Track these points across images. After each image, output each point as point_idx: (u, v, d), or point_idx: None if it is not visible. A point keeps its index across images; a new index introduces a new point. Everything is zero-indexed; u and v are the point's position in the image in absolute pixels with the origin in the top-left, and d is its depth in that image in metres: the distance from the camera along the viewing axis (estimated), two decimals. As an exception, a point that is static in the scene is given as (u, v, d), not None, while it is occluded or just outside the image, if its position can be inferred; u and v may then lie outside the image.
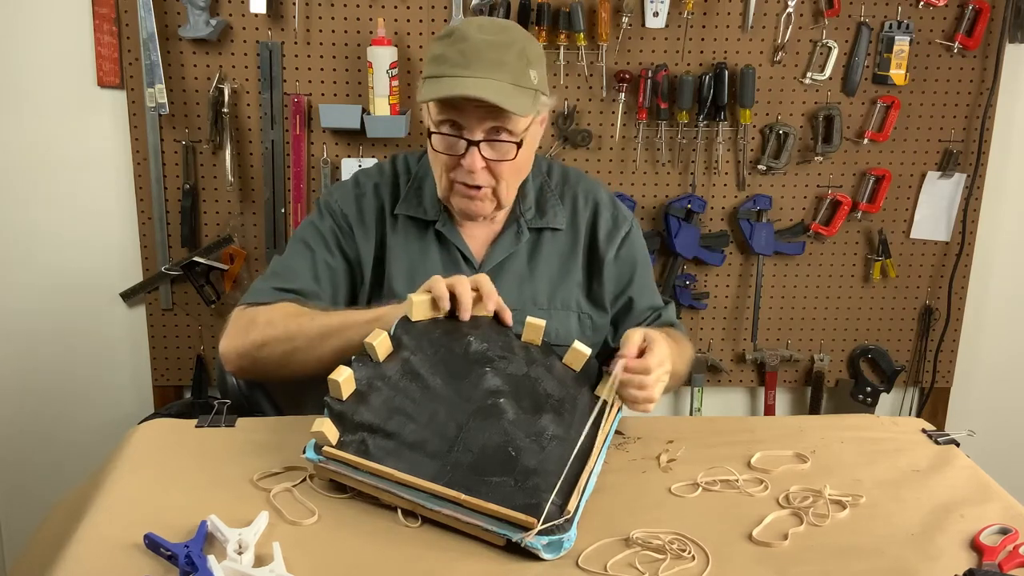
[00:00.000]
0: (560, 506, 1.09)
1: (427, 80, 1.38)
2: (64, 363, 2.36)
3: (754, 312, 2.40)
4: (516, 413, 1.19)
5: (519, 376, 1.25)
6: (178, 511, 1.11)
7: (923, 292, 2.45)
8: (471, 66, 1.33)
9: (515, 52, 1.36)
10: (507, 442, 1.15)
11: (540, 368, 1.28)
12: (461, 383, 1.22)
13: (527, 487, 1.10)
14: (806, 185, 2.34)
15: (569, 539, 1.07)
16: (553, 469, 1.14)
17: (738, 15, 2.21)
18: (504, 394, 1.21)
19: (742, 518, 1.16)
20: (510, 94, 1.34)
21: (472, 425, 1.17)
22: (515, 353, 1.28)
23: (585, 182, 1.60)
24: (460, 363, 1.24)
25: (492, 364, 1.24)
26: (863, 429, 1.45)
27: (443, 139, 1.39)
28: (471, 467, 1.13)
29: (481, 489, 1.09)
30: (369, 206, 1.52)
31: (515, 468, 1.12)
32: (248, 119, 2.20)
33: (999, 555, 1.08)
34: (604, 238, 1.56)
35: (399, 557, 1.06)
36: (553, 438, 1.19)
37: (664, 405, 2.54)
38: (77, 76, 2.17)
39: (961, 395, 2.56)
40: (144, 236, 2.26)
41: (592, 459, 1.20)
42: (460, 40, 1.35)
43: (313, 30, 2.16)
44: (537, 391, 1.24)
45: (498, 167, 1.40)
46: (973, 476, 1.30)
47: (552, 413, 1.22)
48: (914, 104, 2.30)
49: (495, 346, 1.27)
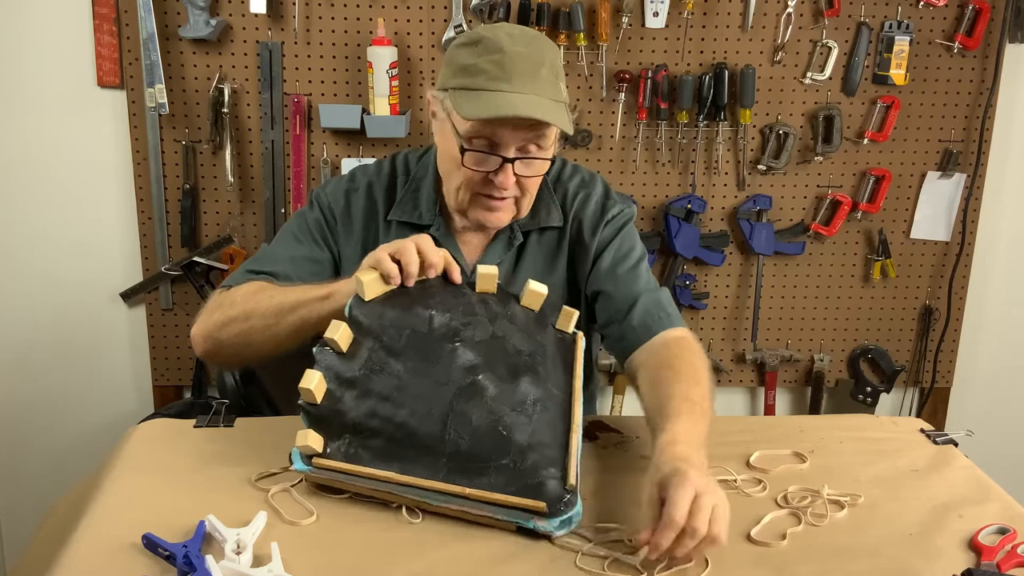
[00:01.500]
0: (561, 479, 1.10)
1: (461, 91, 1.32)
2: (64, 363, 2.36)
3: (754, 312, 2.40)
4: (496, 386, 1.18)
5: (487, 340, 1.22)
6: (176, 511, 1.11)
7: (923, 292, 2.45)
8: (511, 80, 1.30)
9: (548, 65, 1.33)
10: (495, 421, 1.15)
11: (503, 321, 1.25)
12: (434, 366, 1.19)
13: (526, 467, 1.11)
14: (806, 185, 2.34)
15: (577, 513, 1.09)
16: (546, 440, 1.15)
17: (738, 15, 2.21)
18: (479, 368, 1.19)
19: (740, 518, 1.15)
20: (554, 111, 1.32)
21: (457, 410, 1.15)
22: (476, 313, 1.24)
23: (580, 176, 1.55)
24: (427, 343, 1.20)
25: (459, 336, 1.21)
26: (862, 429, 1.45)
27: (476, 156, 1.35)
28: (467, 455, 1.12)
29: (482, 477, 1.10)
30: (358, 204, 1.50)
31: (510, 449, 1.12)
32: (248, 119, 2.20)
33: (997, 555, 1.08)
34: (590, 228, 1.50)
35: (398, 557, 1.06)
36: (536, 403, 1.18)
37: (664, 405, 2.54)
38: (77, 76, 2.17)
39: (961, 395, 2.56)
40: (144, 236, 2.26)
41: (576, 414, 1.20)
42: (494, 51, 1.31)
43: (313, 30, 2.16)
44: (508, 352, 1.22)
45: (524, 180, 1.38)
46: (972, 476, 1.30)
47: (528, 374, 1.20)
48: (914, 104, 2.30)
49: (456, 313, 1.23)
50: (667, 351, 1.36)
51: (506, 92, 1.29)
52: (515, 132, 1.32)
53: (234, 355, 1.41)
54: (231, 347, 1.37)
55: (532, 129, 1.32)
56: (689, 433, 1.16)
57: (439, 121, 1.40)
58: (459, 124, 1.34)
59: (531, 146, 1.34)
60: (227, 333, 1.36)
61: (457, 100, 1.32)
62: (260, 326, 1.32)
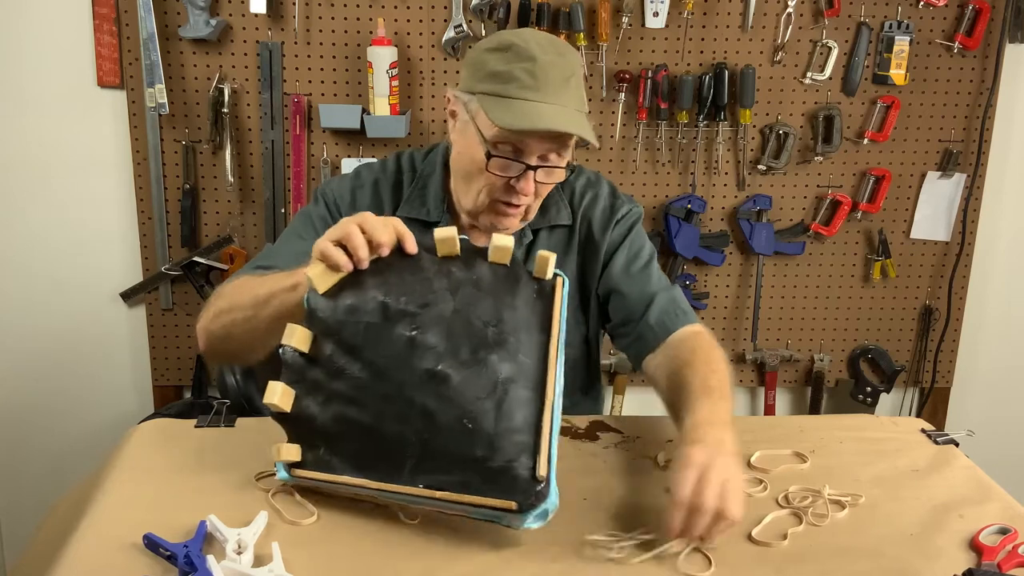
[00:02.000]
0: (531, 468, 1.04)
1: (492, 98, 1.32)
2: (64, 363, 2.36)
3: (754, 312, 2.40)
4: (458, 372, 1.10)
5: (448, 318, 1.13)
6: (177, 511, 1.11)
7: (923, 292, 2.45)
8: (542, 90, 1.30)
9: (576, 76, 1.35)
10: (460, 414, 1.08)
11: (468, 289, 1.15)
12: (393, 360, 1.12)
13: (495, 460, 1.05)
14: (806, 185, 2.34)
15: (553, 504, 1.04)
16: (516, 423, 1.07)
17: (738, 15, 2.21)
18: (440, 355, 1.11)
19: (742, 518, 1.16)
20: (582, 122, 1.33)
21: (419, 406, 1.09)
22: (435, 289, 1.15)
23: (586, 176, 1.57)
24: (383, 335, 1.13)
25: (416, 320, 1.12)
26: (863, 429, 1.45)
27: (501, 162, 1.35)
28: (434, 454, 1.07)
29: (452, 475, 1.05)
30: (364, 200, 1.50)
31: (477, 442, 1.06)
32: (248, 119, 2.20)
33: (998, 555, 1.08)
34: (600, 227, 1.52)
35: (398, 556, 1.06)
36: (506, 382, 1.10)
37: (664, 405, 2.54)
38: (77, 76, 2.17)
39: (961, 395, 2.56)
40: (144, 236, 2.26)
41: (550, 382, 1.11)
42: (526, 59, 1.31)
43: (313, 30, 2.16)
44: (473, 327, 1.12)
45: (541, 187, 1.39)
46: (972, 476, 1.30)
47: (496, 349, 1.11)
48: (914, 104, 2.30)
49: (413, 293, 1.14)
50: (684, 348, 1.38)
51: (538, 103, 1.30)
52: (541, 142, 1.33)
53: (227, 349, 1.39)
54: (222, 341, 1.36)
55: (557, 139, 1.34)
56: (712, 414, 1.17)
57: (460, 123, 1.40)
58: (485, 129, 1.34)
59: (552, 155, 1.36)
60: (217, 326, 1.35)
61: (488, 106, 1.32)
62: (241, 319, 1.30)
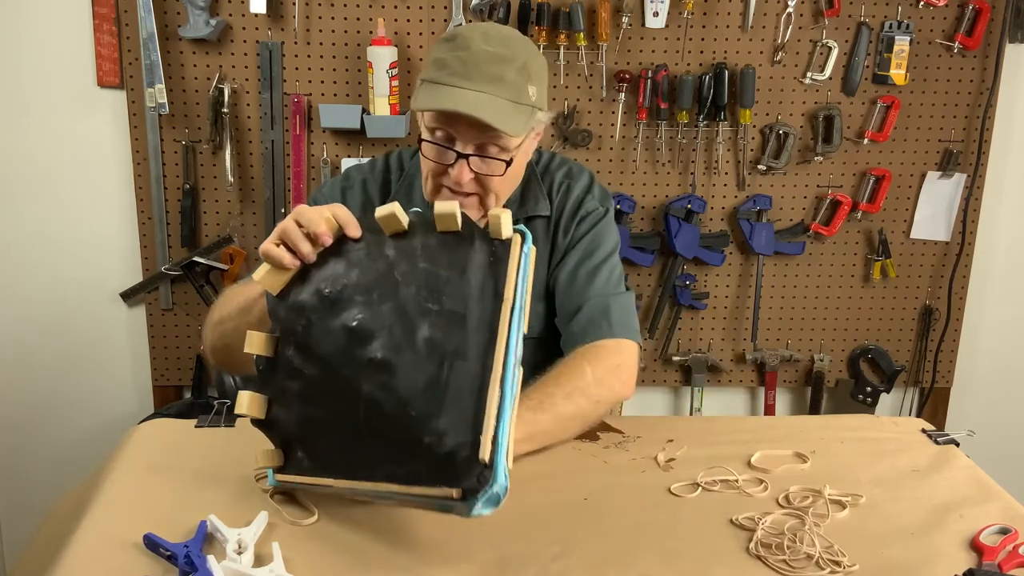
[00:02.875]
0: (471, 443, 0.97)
1: (424, 84, 1.35)
2: (64, 363, 2.36)
3: (754, 312, 2.40)
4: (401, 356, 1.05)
5: (391, 300, 1.08)
6: (177, 511, 1.11)
7: (923, 292, 2.45)
8: (470, 77, 1.30)
9: (516, 67, 1.33)
10: (405, 402, 1.03)
11: (412, 264, 1.09)
12: (338, 353, 1.08)
13: (442, 446, 0.99)
14: (806, 185, 2.34)
15: (501, 486, 0.96)
16: (463, 404, 1.00)
17: (738, 15, 2.21)
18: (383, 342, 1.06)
19: (742, 517, 1.16)
20: (505, 112, 1.31)
21: (367, 399, 1.05)
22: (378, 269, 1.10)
23: (567, 168, 1.55)
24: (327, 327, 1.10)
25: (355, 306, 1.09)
26: (863, 429, 1.45)
27: (433, 148, 1.37)
28: (388, 447, 1.03)
29: (404, 466, 1.01)
30: (355, 200, 1.51)
31: (423, 428, 1.00)
32: (248, 119, 2.20)
33: (999, 555, 1.08)
34: (567, 220, 1.51)
35: (398, 556, 1.06)
36: (453, 356, 1.03)
37: (664, 405, 2.54)
38: (77, 76, 2.17)
39: (961, 395, 2.56)
40: (144, 236, 2.26)
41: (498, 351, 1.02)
42: (462, 47, 1.32)
43: (313, 30, 2.16)
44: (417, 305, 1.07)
45: (486, 180, 1.38)
46: (973, 476, 1.30)
47: (442, 325, 1.05)
48: (914, 104, 2.30)
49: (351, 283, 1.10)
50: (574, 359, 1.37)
51: (460, 88, 1.30)
52: (469, 129, 1.32)
53: (231, 359, 1.38)
54: (222, 352, 1.37)
55: (486, 129, 1.31)
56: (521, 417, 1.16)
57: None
58: (424, 117, 1.37)
59: (491, 146, 1.35)
60: (215, 337, 1.36)
61: (417, 91, 1.35)
62: (231, 328, 1.30)
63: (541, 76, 1.39)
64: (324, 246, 1.13)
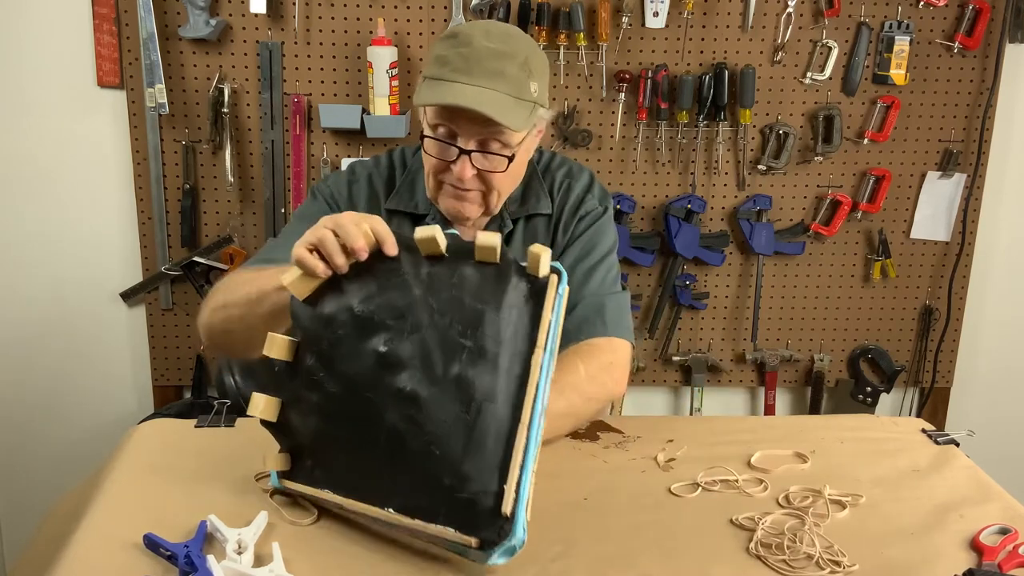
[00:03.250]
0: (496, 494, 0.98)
1: (426, 80, 1.35)
2: (64, 363, 2.36)
3: (754, 312, 2.40)
4: (430, 390, 1.04)
5: (424, 329, 1.06)
6: (177, 511, 1.11)
7: (923, 292, 2.45)
8: (472, 73, 1.31)
9: (518, 63, 1.33)
10: (429, 440, 1.02)
11: (448, 294, 1.07)
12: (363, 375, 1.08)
13: (463, 490, 1.00)
14: (806, 185, 2.34)
15: (519, 539, 0.97)
16: (488, 449, 1.00)
17: (738, 15, 2.21)
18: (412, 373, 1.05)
19: (742, 518, 1.16)
20: (507, 107, 1.31)
21: (387, 428, 1.05)
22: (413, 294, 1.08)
23: (567, 167, 1.56)
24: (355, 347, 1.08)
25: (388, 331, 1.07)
26: (863, 429, 1.45)
27: (435, 144, 1.37)
28: (404, 479, 1.04)
29: (421, 502, 1.01)
30: (361, 193, 1.52)
31: (444, 469, 1.01)
32: (248, 119, 2.20)
33: (999, 555, 1.08)
34: (567, 218, 1.52)
35: (398, 556, 1.06)
36: (483, 399, 1.02)
37: (664, 405, 2.54)
38: (77, 76, 2.17)
39: (961, 395, 2.56)
40: (144, 236, 2.26)
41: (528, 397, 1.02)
42: (464, 44, 1.32)
43: (313, 30, 2.16)
44: (450, 338, 1.05)
45: (488, 176, 1.38)
46: (973, 476, 1.30)
47: (474, 362, 1.03)
48: (914, 104, 2.30)
49: (386, 304, 1.08)
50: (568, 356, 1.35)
51: (461, 84, 1.30)
52: (471, 125, 1.33)
53: (228, 343, 1.39)
54: (222, 335, 1.37)
55: (488, 124, 1.32)
56: None
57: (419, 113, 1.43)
58: (427, 112, 1.37)
59: (492, 142, 1.35)
60: (216, 320, 1.36)
61: (420, 88, 1.36)
62: (237, 315, 1.30)
63: (542, 72, 1.40)
64: (359, 260, 1.10)
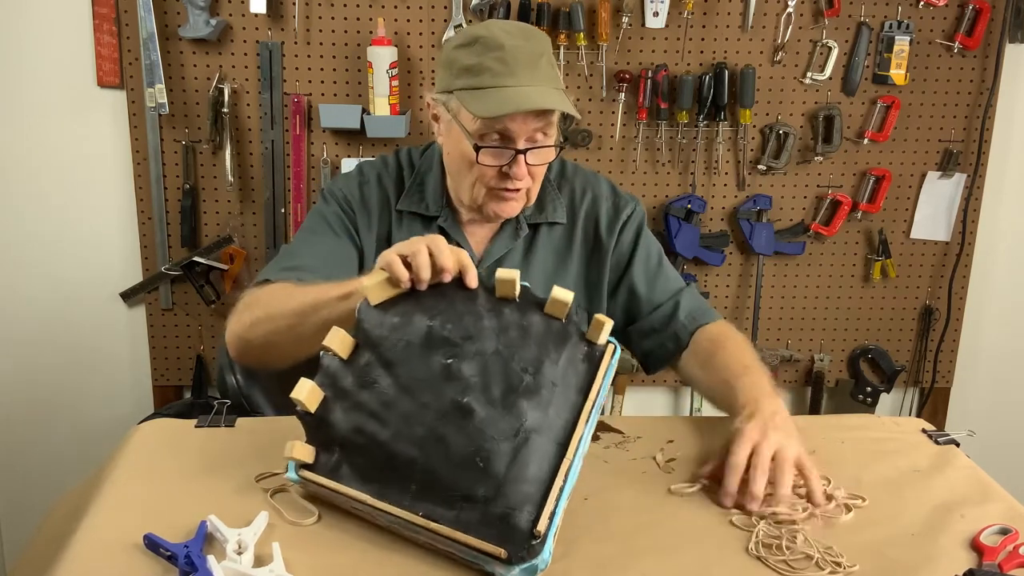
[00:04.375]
0: (533, 520, 1.01)
1: (468, 92, 1.34)
2: (64, 363, 2.36)
3: (754, 312, 2.40)
4: (485, 409, 1.09)
5: (488, 355, 1.12)
6: (177, 511, 1.11)
7: (923, 292, 2.45)
8: (515, 74, 1.33)
9: (546, 56, 1.37)
10: (475, 450, 1.06)
11: (515, 333, 1.14)
12: (423, 383, 1.12)
13: (498, 504, 1.03)
14: (806, 185, 2.34)
15: (544, 560, 1.00)
16: (529, 474, 1.05)
17: (738, 15, 2.21)
18: (471, 388, 1.10)
19: (741, 518, 1.16)
20: (560, 98, 1.36)
21: (437, 434, 1.08)
22: (484, 326, 1.14)
23: (583, 175, 1.59)
24: (421, 357, 1.13)
25: (457, 350, 1.12)
26: (863, 429, 1.45)
27: (491, 153, 1.37)
28: (439, 484, 1.05)
29: (451, 509, 1.03)
30: (372, 194, 1.52)
31: (484, 481, 1.04)
32: (248, 119, 2.20)
33: (999, 555, 1.08)
34: (606, 228, 1.55)
35: (398, 557, 1.06)
36: (531, 430, 1.07)
37: (664, 405, 2.54)
38: (77, 76, 2.17)
39: (961, 395, 2.56)
40: (144, 236, 2.26)
41: (572, 446, 1.08)
42: (494, 48, 1.33)
43: (313, 30, 2.16)
44: (510, 371, 1.11)
45: (534, 169, 1.41)
46: (973, 476, 1.30)
47: (528, 397, 1.09)
48: (914, 104, 2.30)
49: (460, 324, 1.14)
50: (714, 338, 1.47)
51: (512, 87, 1.33)
52: (524, 123, 1.35)
53: (264, 356, 1.38)
54: (260, 348, 1.36)
55: (540, 118, 1.35)
56: (756, 388, 1.33)
57: (444, 124, 1.42)
58: (468, 123, 1.36)
59: (538, 135, 1.38)
60: (255, 334, 1.35)
61: (466, 101, 1.34)
62: (284, 327, 1.30)
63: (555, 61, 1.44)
64: (443, 280, 1.15)
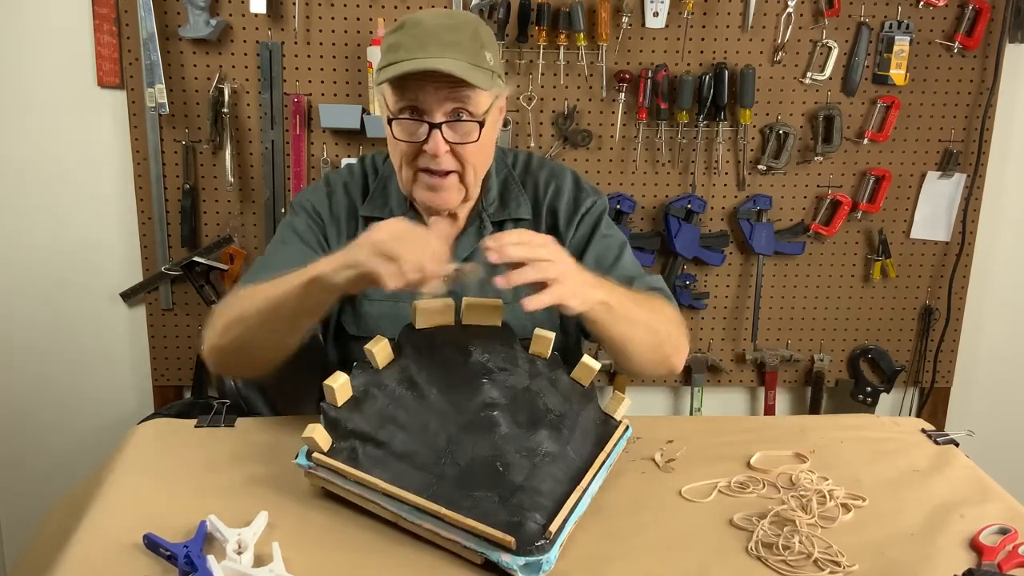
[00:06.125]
0: (543, 526, 1.05)
1: (384, 69, 1.34)
2: (64, 363, 2.36)
3: (754, 312, 2.40)
4: (510, 427, 1.15)
5: (519, 389, 1.20)
6: (177, 511, 1.11)
7: (923, 292, 2.45)
8: (427, 48, 1.31)
9: (469, 33, 1.34)
10: (496, 456, 1.11)
11: (543, 381, 1.23)
12: (457, 394, 1.18)
13: (511, 504, 1.06)
14: (806, 185, 2.34)
15: (548, 561, 1.03)
16: (542, 487, 1.09)
17: (738, 15, 2.21)
18: (499, 407, 1.17)
19: (742, 518, 1.16)
20: (468, 70, 1.32)
21: (462, 437, 1.14)
22: (518, 366, 1.23)
23: (549, 168, 1.55)
24: (458, 373, 1.21)
25: (491, 376, 1.20)
26: (863, 429, 1.45)
27: (404, 125, 1.35)
28: (456, 480, 1.10)
29: (464, 503, 1.06)
30: (339, 203, 1.51)
31: (501, 483, 1.09)
32: (248, 119, 2.20)
33: (998, 555, 1.08)
34: (564, 221, 1.51)
35: (398, 557, 1.06)
36: (547, 455, 1.14)
37: (664, 405, 2.54)
38: (77, 76, 2.17)
39: (961, 395, 2.56)
40: (144, 236, 2.26)
41: (586, 479, 1.15)
42: (413, 27, 1.33)
43: (313, 30, 2.16)
44: (536, 405, 1.19)
45: (462, 151, 1.36)
46: (973, 476, 1.30)
47: (549, 429, 1.17)
48: (914, 104, 2.30)
49: (497, 357, 1.23)
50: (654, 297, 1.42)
51: (421, 58, 1.30)
52: (437, 94, 1.32)
53: (241, 361, 1.37)
54: (235, 353, 1.35)
55: (454, 89, 1.32)
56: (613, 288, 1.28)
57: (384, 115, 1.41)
58: (389, 101, 1.36)
59: (460, 112, 1.35)
60: (229, 340, 1.33)
61: (378, 75, 1.35)
62: (256, 324, 1.29)
63: (493, 45, 1.40)
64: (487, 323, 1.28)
